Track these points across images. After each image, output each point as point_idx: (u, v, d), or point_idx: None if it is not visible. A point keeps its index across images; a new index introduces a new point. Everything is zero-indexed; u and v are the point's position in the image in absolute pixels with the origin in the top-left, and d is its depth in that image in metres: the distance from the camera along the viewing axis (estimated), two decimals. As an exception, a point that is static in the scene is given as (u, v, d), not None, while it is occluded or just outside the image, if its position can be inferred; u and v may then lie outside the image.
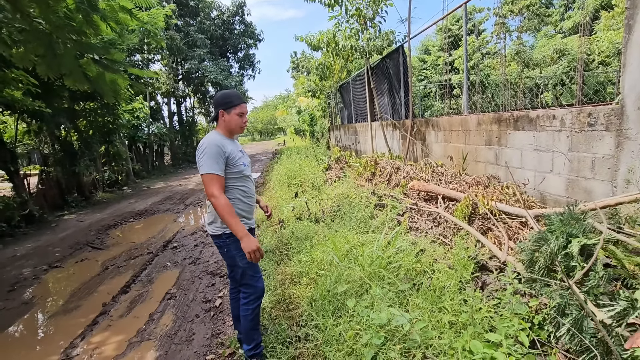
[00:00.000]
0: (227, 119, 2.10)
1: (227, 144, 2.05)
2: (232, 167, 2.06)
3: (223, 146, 2.00)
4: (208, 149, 1.96)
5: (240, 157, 2.13)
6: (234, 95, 2.13)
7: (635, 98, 2.68)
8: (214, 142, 1.99)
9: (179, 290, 3.68)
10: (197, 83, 17.92)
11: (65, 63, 3.63)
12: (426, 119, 6.10)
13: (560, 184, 3.43)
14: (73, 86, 4.01)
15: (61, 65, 3.63)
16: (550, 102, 12.25)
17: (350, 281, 2.45)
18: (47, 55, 3.59)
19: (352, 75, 10.87)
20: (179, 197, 8.97)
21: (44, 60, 3.66)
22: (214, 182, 1.93)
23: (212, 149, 1.96)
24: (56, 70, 3.72)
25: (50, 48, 3.51)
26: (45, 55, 3.60)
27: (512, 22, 13.87)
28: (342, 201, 4.64)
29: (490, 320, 1.84)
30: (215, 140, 2.00)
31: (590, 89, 10.53)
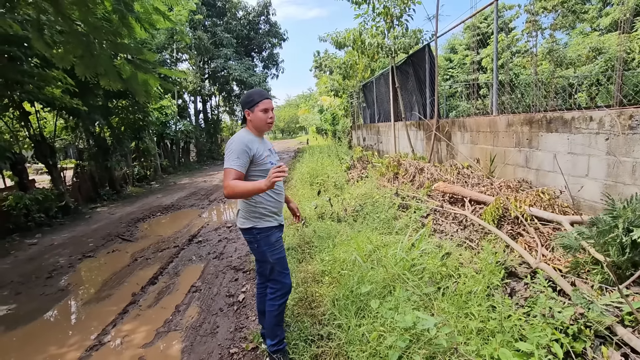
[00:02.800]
0: (252, 117, 2.13)
1: (254, 143, 2.08)
2: (259, 166, 2.09)
3: (250, 145, 2.04)
4: (234, 145, 2.02)
5: (268, 156, 2.15)
6: (256, 93, 2.15)
7: (684, 100, 2.51)
8: (240, 140, 2.04)
9: (203, 284, 3.78)
10: (223, 82, 18.31)
11: (101, 63, 3.81)
12: (452, 119, 5.96)
13: (596, 190, 3.27)
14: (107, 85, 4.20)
15: (97, 65, 3.81)
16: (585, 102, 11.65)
17: (374, 282, 2.44)
18: (85, 56, 3.78)
19: (376, 75, 10.77)
20: (203, 193, 9.21)
21: (82, 61, 3.85)
22: (230, 176, 1.96)
23: (237, 146, 2.01)
24: (93, 70, 3.91)
25: (88, 49, 3.69)
26: (83, 56, 3.79)
27: (545, 19, 13.28)
28: (364, 201, 4.62)
29: (520, 329, 1.78)
30: (243, 139, 2.05)
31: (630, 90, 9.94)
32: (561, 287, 2.03)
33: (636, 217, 1.90)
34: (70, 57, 3.82)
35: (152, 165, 11.85)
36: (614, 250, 1.92)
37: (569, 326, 1.70)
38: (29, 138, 7.20)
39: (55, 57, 3.93)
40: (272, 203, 2.16)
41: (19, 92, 6.28)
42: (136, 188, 10.20)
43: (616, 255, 1.89)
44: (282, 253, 2.20)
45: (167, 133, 13.28)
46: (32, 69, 6.04)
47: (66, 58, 3.84)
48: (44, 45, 3.65)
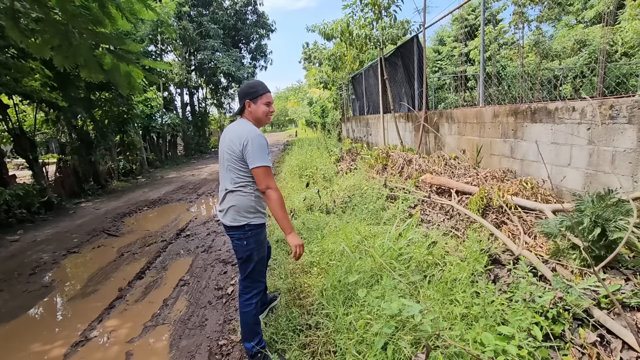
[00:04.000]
0: (253, 109, 2.06)
1: None
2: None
3: (264, 138, 2.00)
4: (257, 140, 1.93)
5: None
6: (260, 85, 2.08)
7: (661, 89, 2.58)
8: (259, 134, 1.97)
9: (192, 277, 3.76)
10: (210, 74, 18.00)
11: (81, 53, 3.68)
12: (440, 111, 6.00)
13: (578, 179, 3.35)
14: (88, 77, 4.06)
15: (77, 55, 3.68)
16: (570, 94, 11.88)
17: (361, 272, 2.46)
18: (63, 46, 3.63)
19: (365, 66, 10.74)
20: (191, 187, 9.11)
21: (59, 51, 3.71)
22: (269, 174, 1.94)
23: (261, 141, 1.95)
24: (72, 61, 3.77)
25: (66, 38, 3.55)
26: (61, 46, 3.65)
27: (532, 11, 13.41)
28: (353, 192, 4.63)
29: (502, 314, 1.82)
30: (258, 132, 1.99)
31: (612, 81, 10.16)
32: (542, 273, 2.08)
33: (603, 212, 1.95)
34: (48, 47, 3.67)
35: (137, 159, 11.64)
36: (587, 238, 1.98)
37: (548, 310, 1.75)
38: (8, 132, 6.97)
39: (32, 47, 3.78)
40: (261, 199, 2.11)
41: (-6, 84, 6.05)
42: (122, 182, 10.02)
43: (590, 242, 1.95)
44: (264, 252, 2.17)
45: (152, 126, 13.03)
46: (7, 59, 5.81)
47: (44, 48, 3.69)
48: (19, 34, 3.50)
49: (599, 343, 1.56)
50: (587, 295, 1.73)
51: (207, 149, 19.48)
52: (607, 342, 1.56)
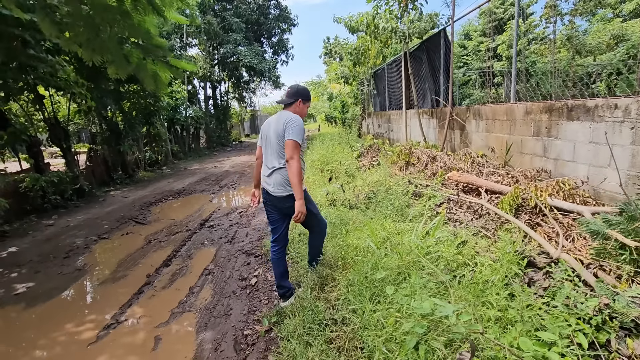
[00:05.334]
0: (301, 107, 2.65)
1: None
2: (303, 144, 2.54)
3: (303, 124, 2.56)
4: (298, 121, 2.48)
5: None
6: (310, 93, 2.71)
7: None
8: (302, 121, 2.54)
9: (216, 267, 3.83)
10: (232, 67, 18.18)
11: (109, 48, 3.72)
12: (467, 107, 5.83)
13: (618, 180, 3.17)
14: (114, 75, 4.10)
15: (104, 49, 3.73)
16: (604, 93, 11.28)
17: (388, 269, 2.42)
18: (91, 39, 3.70)
19: (388, 61, 10.56)
20: (214, 178, 9.27)
21: (88, 44, 3.77)
22: (296, 148, 2.40)
23: (301, 123, 2.50)
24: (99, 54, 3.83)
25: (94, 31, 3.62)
26: (89, 39, 3.71)
27: (565, 4, 12.78)
28: (377, 188, 4.58)
29: (540, 319, 1.75)
30: (300, 119, 2.55)
31: None
32: (583, 278, 1.98)
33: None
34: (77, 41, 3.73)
35: (163, 151, 11.94)
36: None
37: (592, 317, 1.67)
38: (44, 121, 7.28)
39: (62, 41, 3.87)
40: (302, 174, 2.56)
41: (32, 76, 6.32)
42: (148, 173, 10.31)
43: None
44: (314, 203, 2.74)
45: (177, 118, 13.31)
46: (42, 52, 6.05)
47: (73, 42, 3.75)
48: (51, 25, 3.59)
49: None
50: (636, 303, 1.64)
51: (228, 141, 19.76)
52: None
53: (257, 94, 23.54)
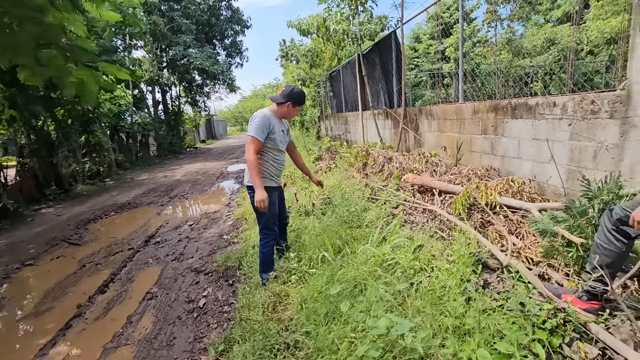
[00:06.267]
0: (289, 109, 2.77)
1: (273, 121, 2.72)
2: (270, 140, 2.72)
3: (270, 121, 2.68)
4: (258, 119, 2.63)
5: (279, 134, 2.78)
6: (303, 97, 2.81)
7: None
8: (264, 115, 2.66)
9: (160, 290, 3.46)
10: (183, 70, 17.29)
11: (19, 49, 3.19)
12: (419, 108, 5.91)
13: (560, 175, 3.30)
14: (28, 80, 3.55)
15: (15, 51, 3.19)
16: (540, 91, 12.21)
17: (344, 281, 2.27)
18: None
19: (343, 63, 10.58)
20: (163, 189, 8.65)
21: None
22: (251, 143, 2.57)
23: (261, 120, 2.62)
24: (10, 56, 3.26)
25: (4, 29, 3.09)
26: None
27: (503, 10, 13.71)
28: (333, 193, 4.45)
29: (497, 325, 1.68)
30: (266, 115, 2.68)
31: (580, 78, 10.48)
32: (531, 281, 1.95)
33: (610, 198, 1.86)
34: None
35: (105, 161, 10.96)
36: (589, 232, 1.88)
37: (546, 320, 1.62)
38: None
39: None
40: (273, 169, 2.82)
41: None
42: (87, 186, 9.40)
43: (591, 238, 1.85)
44: (275, 209, 2.85)
45: (122, 125, 12.32)
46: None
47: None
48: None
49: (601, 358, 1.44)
50: (587, 304, 1.62)
51: (182, 148, 18.76)
52: (608, 358, 1.45)
53: (211, 98, 22.60)
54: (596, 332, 1.54)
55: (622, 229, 1.47)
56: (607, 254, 1.53)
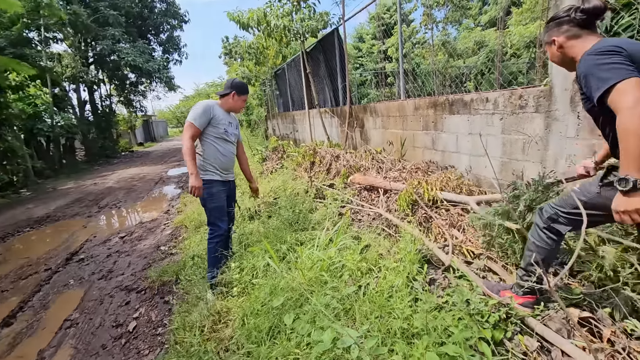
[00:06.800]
0: (234, 100, 2.73)
1: (218, 110, 2.66)
2: (214, 127, 2.63)
3: (212, 109, 2.61)
4: (198, 106, 2.58)
5: (225, 125, 2.69)
6: (246, 87, 2.78)
7: (562, 79, 2.72)
8: (205, 103, 2.61)
9: (82, 315, 3.01)
10: (113, 67, 15.78)
11: None
12: (364, 105, 5.95)
13: (494, 167, 3.47)
14: None
15: None
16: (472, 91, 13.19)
17: (289, 289, 2.11)
18: None
19: (287, 61, 10.39)
20: (92, 198, 7.74)
21: None
22: (189, 129, 2.51)
23: (201, 107, 2.57)
24: None
25: None
26: None
27: (439, 13, 14.56)
28: (279, 194, 4.26)
29: (443, 323, 1.64)
30: (208, 103, 2.62)
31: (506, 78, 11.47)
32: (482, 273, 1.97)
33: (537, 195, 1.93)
34: None
35: (19, 169, 9.56)
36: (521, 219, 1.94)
37: (490, 314, 1.61)
38: None
39: None
40: (218, 162, 2.69)
41: None
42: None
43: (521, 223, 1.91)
44: (220, 202, 2.72)
45: (39, 128, 10.82)
46: None
47: None
48: None
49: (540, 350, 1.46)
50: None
51: (115, 152, 17.14)
52: (547, 350, 1.47)
53: (148, 98, 20.98)
54: (534, 326, 1.56)
55: (553, 226, 1.51)
56: (539, 251, 1.57)
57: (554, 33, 1.44)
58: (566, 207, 1.48)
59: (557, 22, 1.43)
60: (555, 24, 1.44)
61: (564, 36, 1.40)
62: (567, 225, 1.48)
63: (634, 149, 1.11)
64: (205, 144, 2.64)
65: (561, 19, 1.41)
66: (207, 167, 2.66)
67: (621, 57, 1.19)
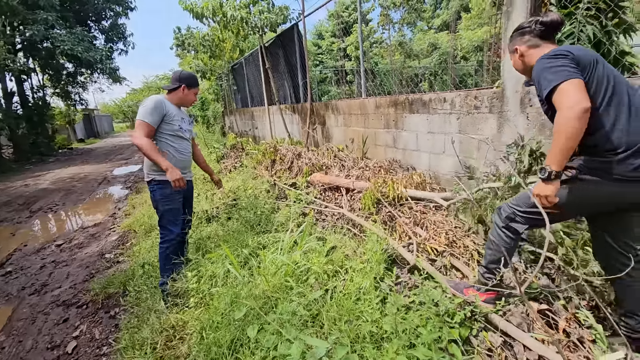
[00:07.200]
0: (185, 93, 2.55)
1: (170, 106, 2.46)
2: (167, 124, 2.43)
3: (164, 105, 2.40)
4: (148, 102, 2.36)
5: (178, 121, 2.49)
6: (196, 79, 2.60)
7: (514, 82, 2.85)
8: (155, 99, 2.38)
9: (9, 338, 2.62)
10: (46, 56, 14.19)
11: None
12: (325, 103, 5.90)
13: (451, 165, 3.58)
14: None
15: None
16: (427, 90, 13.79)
17: (252, 297, 1.97)
18: None
19: (245, 55, 10.04)
20: (22, 201, 6.88)
21: None
22: (142, 129, 2.28)
23: (152, 103, 2.34)
24: None
25: None
26: None
27: (395, 14, 14.99)
28: (239, 194, 4.06)
29: (412, 324, 1.61)
30: (158, 99, 2.40)
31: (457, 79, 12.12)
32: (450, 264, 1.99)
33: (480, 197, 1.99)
34: None
35: None
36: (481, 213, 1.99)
37: (455, 312, 1.62)
38: None
39: None
40: (173, 160, 2.44)
41: None
42: None
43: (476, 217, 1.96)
44: (175, 205, 2.51)
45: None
46: None
47: None
48: None
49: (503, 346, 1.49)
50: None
51: (51, 150, 15.48)
52: (509, 344, 1.50)
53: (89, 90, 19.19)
54: (497, 322, 1.60)
55: (511, 225, 1.56)
56: (498, 249, 1.62)
57: (517, 42, 1.56)
58: (522, 206, 1.54)
59: (520, 32, 1.55)
60: (518, 34, 1.56)
61: (526, 45, 1.52)
62: (524, 224, 1.54)
63: (560, 146, 1.25)
64: (159, 142, 2.43)
65: (523, 30, 1.53)
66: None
67: (567, 59, 1.31)
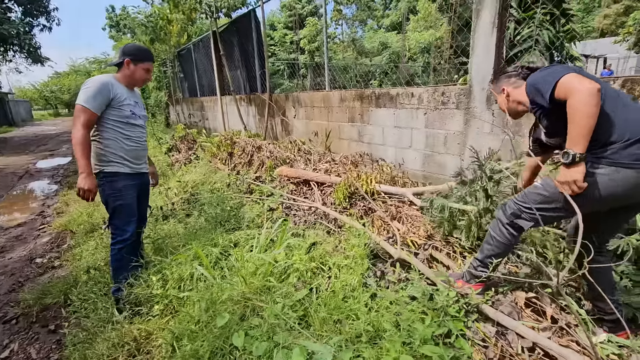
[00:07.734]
0: (132, 69, 2.18)
1: (119, 88, 2.13)
2: (116, 110, 2.11)
3: (110, 87, 2.06)
4: (90, 84, 2.02)
5: (130, 105, 2.18)
6: (147, 52, 2.25)
7: (481, 79, 2.97)
8: (100, 80, 2.05)
9: None
10: (-55, 25, 11.90)
11: None
12: (286, 94, 5.72)
13: (418, 159, 3.67)
14: None
15: None
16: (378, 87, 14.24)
17: (232, 301, 1.79)
18: None
19: (194, 40, 9.36)
20: None
21: None
22: (81, 115, 1.96)
23: (95, 86, 2.00)
24: None
25: None
26: None
27: (348, 10, 15.14)
28: (199, 189, 3.74)
29: (407, 320, 1.58)
30: (104, 80, 2.06)
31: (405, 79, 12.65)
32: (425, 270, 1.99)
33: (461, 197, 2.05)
34: None
35: None
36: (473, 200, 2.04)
37: (450, 305, 1.61)
38: None
39: None
40: (126, 151, 2.18)
41: None
42: None
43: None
44: (127, 200, 2.21)
45: None
46: None
47: None
48: None
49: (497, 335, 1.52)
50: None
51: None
52: (502, 334, 1.54)
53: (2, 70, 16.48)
54: (489, 312, 1.63)
55: (516, 222, 1.57)
56: (498, 245, 1.65)
57: (504, 84, 1.69)
58: (529, 202, 1.53)
59: (507, 75, 1.71)
60: (505, 76, 1.71)
61: (512, 87, 1.65)
62: (529, 221, 1.54)
63: (581, 126, 1.26)
64: (105, 131, 2.11)
65: (510, 74, 1.70)
66: (110, 157, 2.14)
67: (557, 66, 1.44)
